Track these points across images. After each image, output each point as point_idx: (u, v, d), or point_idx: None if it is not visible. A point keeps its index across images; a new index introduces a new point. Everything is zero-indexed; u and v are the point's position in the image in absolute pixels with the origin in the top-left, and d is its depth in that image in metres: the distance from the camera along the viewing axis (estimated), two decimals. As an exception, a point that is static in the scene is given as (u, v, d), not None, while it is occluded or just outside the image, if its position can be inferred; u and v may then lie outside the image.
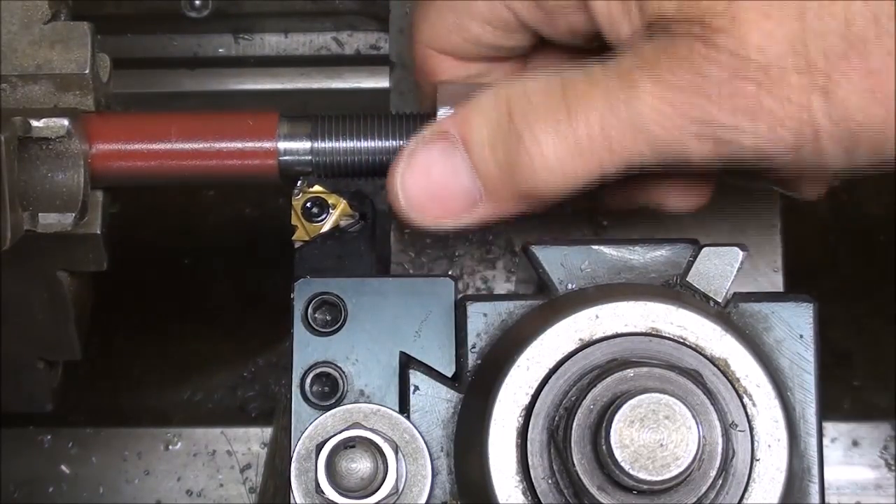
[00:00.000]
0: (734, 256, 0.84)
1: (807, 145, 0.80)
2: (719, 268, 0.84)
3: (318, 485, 0.81)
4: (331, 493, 0.81)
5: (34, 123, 0.87)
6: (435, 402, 0.84)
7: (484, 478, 0.80)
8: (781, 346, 0.83)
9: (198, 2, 1.37)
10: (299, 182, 0.94)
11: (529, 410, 0.79)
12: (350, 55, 1.43)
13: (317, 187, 0.94)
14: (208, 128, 0.93)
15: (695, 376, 0.78)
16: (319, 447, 0.82)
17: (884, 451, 1.37)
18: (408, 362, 0.85)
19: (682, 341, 0.80)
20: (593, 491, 0.77)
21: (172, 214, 1.46)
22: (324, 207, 0.95)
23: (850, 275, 1.42)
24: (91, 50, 0.93)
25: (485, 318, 0.85)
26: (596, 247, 0.85)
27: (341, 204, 0.95)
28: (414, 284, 0.86)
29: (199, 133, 0.93)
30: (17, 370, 1.10)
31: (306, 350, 0.85)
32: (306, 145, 0.93)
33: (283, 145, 0.93)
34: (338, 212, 0.95)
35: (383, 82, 1.24)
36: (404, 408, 0.84)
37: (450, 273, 1.12)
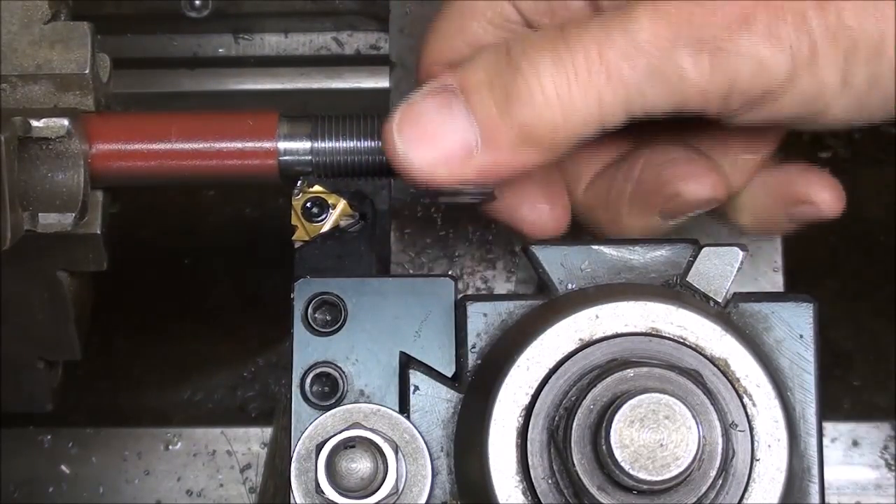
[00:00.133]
0: (734, 256, 0.84)
1: (804, 70, 0.80)
2: (719, 268, 0.83)
3: (318, 485, 0.81)
4: (331, 493, 0.81)
5: (34, 123, 0.87)
6: (435, 402, 0.84)
7: (484, 478, 0.79)
8: (781, 346, 0.83)
9: (198, 2, 1.37)
10: (299, 182, 0.94)
11: (529, 410, 0.79)
12: (350, 55, 1.43)
13: (317, 187, 0.94)
14: (208, 128, 0.93)
15: (695, 376, 0.78)
16: (319, 447, 0.82)
17: (884, 451, 1.37)
18: (408, 362, 0.85)
19: (682, 341, 0.80)
20: (593, 491, 0.77)
21: (172, 214, 1.46)
22: (324, 207, 0.95)
23: (850, 275, 1.42)
24: (91, 50, 0.93)
25: (485, 318, 0.85)
26: (596, 247, 0.85)
27: (341, 204, 0.95)
28: (414, 284, 0.86)
29: (199, 133, 0.93)
30: (17, 370, 1.10)
31: (306, 350, 0.85)
32: (306, 145, 0.93)
33: (283, 145, 0.93)
34: (338, 212, 0.95)
35: (383, 82, 1.24)
36: (404, 408, 0.84)
37: (450, 273, 1.12)
